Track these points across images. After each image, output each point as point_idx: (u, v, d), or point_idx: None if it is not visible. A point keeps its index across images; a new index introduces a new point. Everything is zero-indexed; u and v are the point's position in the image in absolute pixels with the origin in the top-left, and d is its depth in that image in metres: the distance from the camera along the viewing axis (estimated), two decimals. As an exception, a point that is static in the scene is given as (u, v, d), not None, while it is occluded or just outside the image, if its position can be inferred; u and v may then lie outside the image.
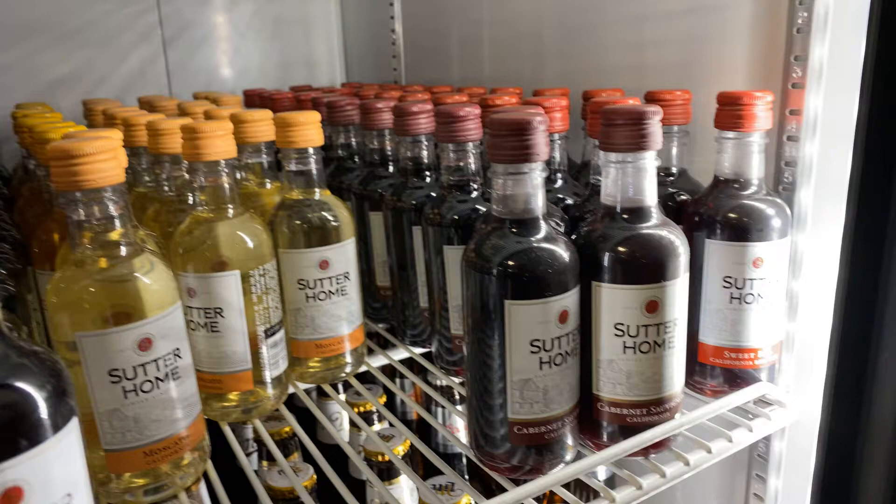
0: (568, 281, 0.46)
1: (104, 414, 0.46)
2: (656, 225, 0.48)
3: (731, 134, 0.55)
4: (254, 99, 1.16)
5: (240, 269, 0.56)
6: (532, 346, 0.45)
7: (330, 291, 0.63)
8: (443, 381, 0.76)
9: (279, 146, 0.62)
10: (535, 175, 0.45)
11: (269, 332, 0.59)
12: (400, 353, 0.76)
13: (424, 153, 0.68)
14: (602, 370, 0.49)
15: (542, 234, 0.46)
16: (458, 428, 0.84)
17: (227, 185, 0.56)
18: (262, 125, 0.66)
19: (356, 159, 0.83)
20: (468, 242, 0.49)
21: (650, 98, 0.62)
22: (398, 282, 0.72)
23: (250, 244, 0.57)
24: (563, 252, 0.46)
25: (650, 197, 0.48)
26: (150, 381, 0.46)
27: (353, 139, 0.83)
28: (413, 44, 1.14)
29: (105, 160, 0.44)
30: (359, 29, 1.31)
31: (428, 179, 0.69)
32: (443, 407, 0.77)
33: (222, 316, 0.56)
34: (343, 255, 0.63)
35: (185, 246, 0.56)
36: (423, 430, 0.89)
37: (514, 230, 0.46)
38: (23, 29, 1.12)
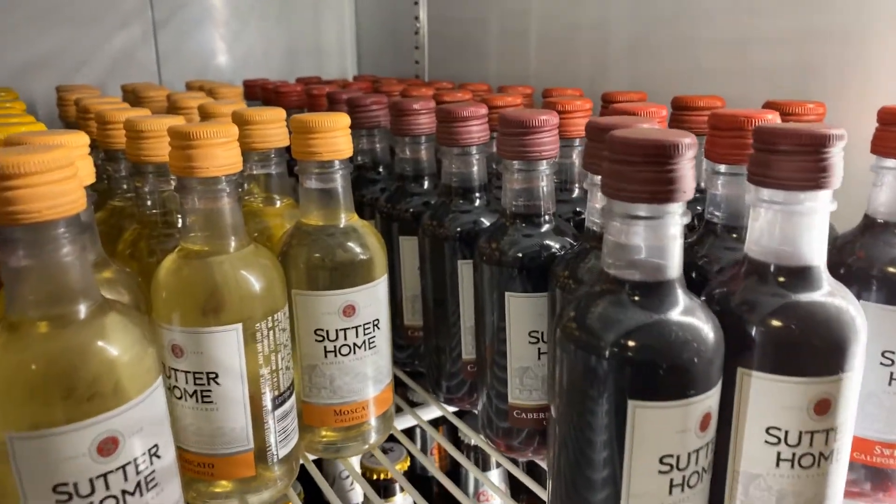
0: (715, 372, 0.33)
1: (47, 544, 0.32)
2: (828, 293, 0.35)
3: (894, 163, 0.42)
4: (255, 91, 1.01)
5: (242, 323, 0.42)
6: (663, 463, 0.32)
7: (355, 345, 0.49)
8: (473, 439, 0.62)
9: (296, 157, 0.48)
10: (675, 221, 0.32)
11: (279, 402, 0.45)
12: (430, 411, 0.62)
13: (475, 169, 0.55)
14: (741, 487, 0.36)
15: (679, 306, 0.32)
16: (489, 496, 0.70)
17: (227, 209, 0.43)
18: (274, 128, 0.52)
19: (380, 169, 0.69)
20: (564, 308, 0.36)
21: (774, 110, 0.48)
22: (434, 324, 0.58)
23: (257, 288, 0.43)
24: (709, 332, 0.32)
25: (819, 253, 0.35)
26: (113, 496, 0.33)
27: (378, 145, 0.69)
28: (440, 34, 1.00)
29: (55, 182, 0.30)
30: (375, 14, 1.17)
31: (478, 202, 0.55)
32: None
33: (217, 383, 0.42)
34: (373, 299, 0.50)
35: (171, 289, 0.42)
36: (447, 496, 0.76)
37: (638, 297, 0.33)
38: (-9, 2, 0.97)
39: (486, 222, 0.54)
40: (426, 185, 0.62)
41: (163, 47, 1.09)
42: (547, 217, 0.48)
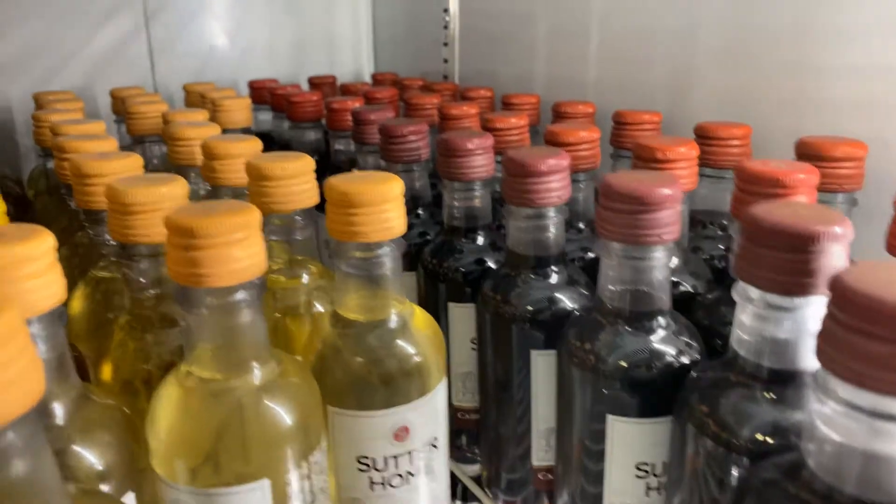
0: None
1: None
2: None
3: None
4: (263, 95, 0.89)
5: (270, 478, 0.32)
6: None
7: (409, 473, 0.38)
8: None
9: (333, 235, 0.37)
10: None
11: (315, 563, 0.35)
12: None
13: (551, 234, 0.43)
14: None
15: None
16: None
17: (247, 325, 0.32)
18: (301, 184, 0.41)
19: (420, 211, 0.58)
20: (744, 491, 0.25)
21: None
22: (495, 416, 0.48)
23: (289, 425, 0.32)
24: None
25: None
26: None
27: (417, 182, 0.57)
28: (474, 29, 0.87)
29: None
30: (396, 3, 1.04)
31: (556, 276, 0.44)
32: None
33: (237, 555, 0.32)
34: (431, 414, 0.39)
35: (173, 432, 0.31)
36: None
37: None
38: (-43, -9, 0.85)
39: (568, 303, 0.43)
40: (481, 239, 0.51)
41: (156, 41, 0.96)
42: (662, 320, 0.36)
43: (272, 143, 0.87)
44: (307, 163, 0.41)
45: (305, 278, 0.44)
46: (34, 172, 0.78)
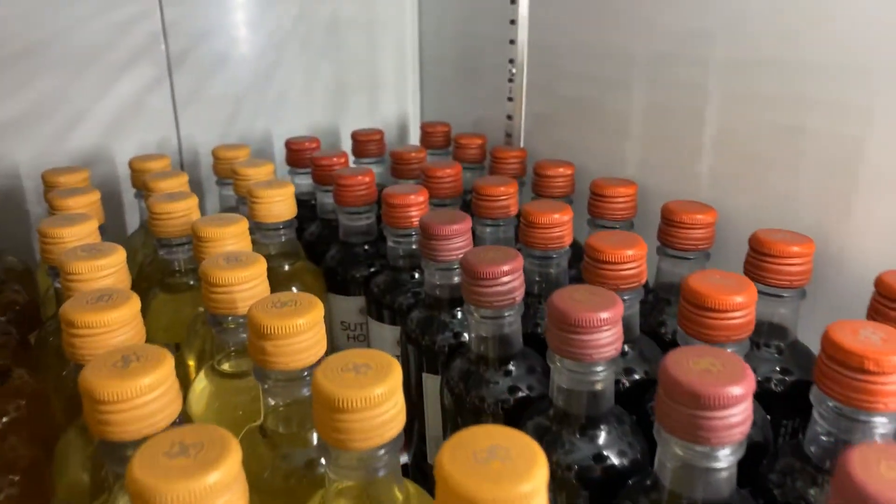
0: None
1: None
2: None
3: None
4: (303, 159, 0.78)
5: None
6: None
7: None
8: None
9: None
10: None
11: None
12: None
13: (724, 474, 0.32)
14: None
15: None
16: None
17: None
18: (387, 412, 0.30)
19: (512, 368, 0.46)
20: None
21: None
22: None
23: None
24: None
25: None
26: None
27: (508, 329, 0.46)
28: (546, 89, 0.75)
29: None
30: (447, 46, 0.92)
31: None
32: None
33: None
34: None
35: None
36: None
37: None
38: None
39: (746, 572, 0.32)
40: (603, 434, 0.39)
41: (180, 92, 0.85)
42: None
43: (313, 215, 0.77)
44: (394, 386, 0.31)
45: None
46: (43, 269, 0.68)
